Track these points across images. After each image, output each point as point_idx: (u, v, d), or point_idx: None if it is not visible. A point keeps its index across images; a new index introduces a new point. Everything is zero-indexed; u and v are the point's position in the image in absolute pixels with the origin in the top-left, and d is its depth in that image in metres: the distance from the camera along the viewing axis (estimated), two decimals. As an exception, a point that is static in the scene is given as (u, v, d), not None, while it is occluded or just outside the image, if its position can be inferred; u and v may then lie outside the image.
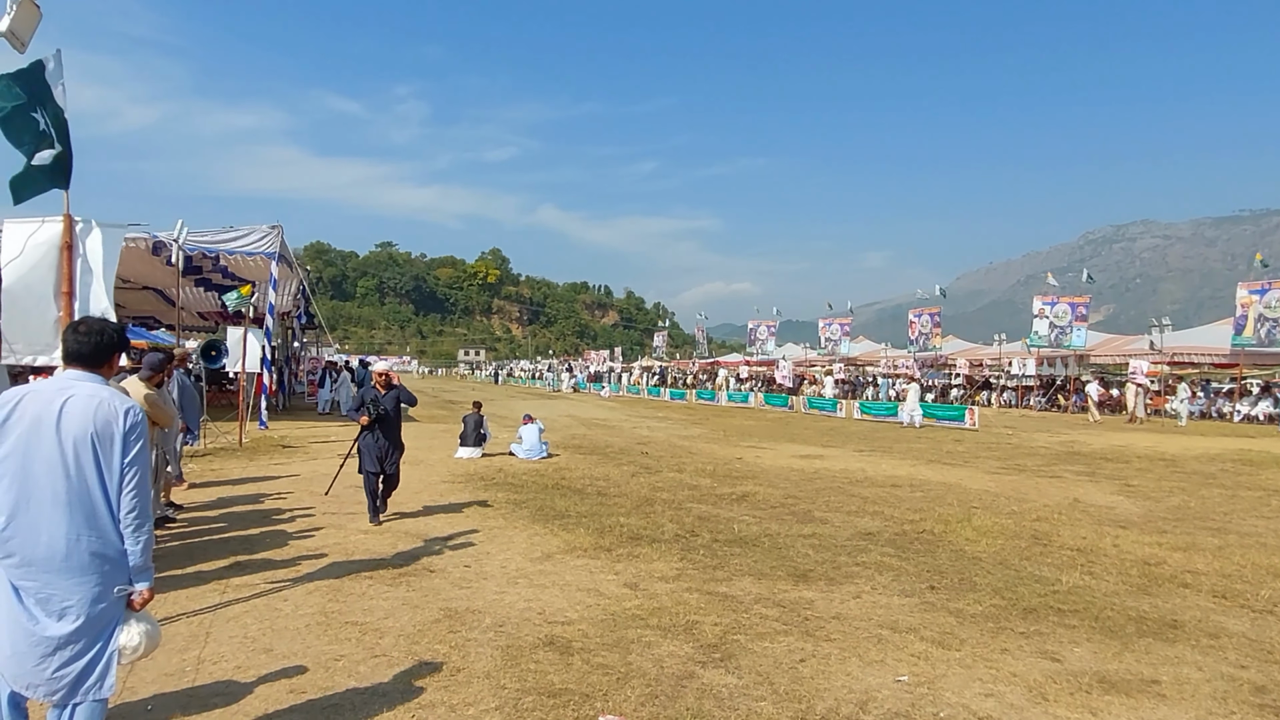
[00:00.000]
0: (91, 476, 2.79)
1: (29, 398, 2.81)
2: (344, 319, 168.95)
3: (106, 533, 2.81)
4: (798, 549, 7.41)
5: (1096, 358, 38.71)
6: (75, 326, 2.99)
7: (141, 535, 2.85)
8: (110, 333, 3.01)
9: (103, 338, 2.98)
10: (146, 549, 2.87)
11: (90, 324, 3.01)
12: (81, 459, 2.78)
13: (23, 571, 2.73)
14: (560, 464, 13.50)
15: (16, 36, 4.74)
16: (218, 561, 6.56)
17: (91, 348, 2.95)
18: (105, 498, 2.81)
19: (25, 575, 2.73)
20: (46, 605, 2.73)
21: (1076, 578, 6.51)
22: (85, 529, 2.77)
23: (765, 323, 56.75)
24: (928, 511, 9.47)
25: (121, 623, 2.86)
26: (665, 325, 79.67)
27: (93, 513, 2.79)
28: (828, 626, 5.19)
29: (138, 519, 2.83)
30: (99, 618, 2.79)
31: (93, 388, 2.89)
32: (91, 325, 3.00)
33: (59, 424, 2.78)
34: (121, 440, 2.82)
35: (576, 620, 5.24)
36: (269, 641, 4.76)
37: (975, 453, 17.35)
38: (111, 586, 2.82)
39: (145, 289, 22.82)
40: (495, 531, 7.97)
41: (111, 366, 3.06)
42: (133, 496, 2.83)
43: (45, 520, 2.74)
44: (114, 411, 2.84)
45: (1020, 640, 5.01)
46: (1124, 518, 9.53)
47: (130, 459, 2.83)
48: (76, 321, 3.02)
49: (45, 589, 2.73)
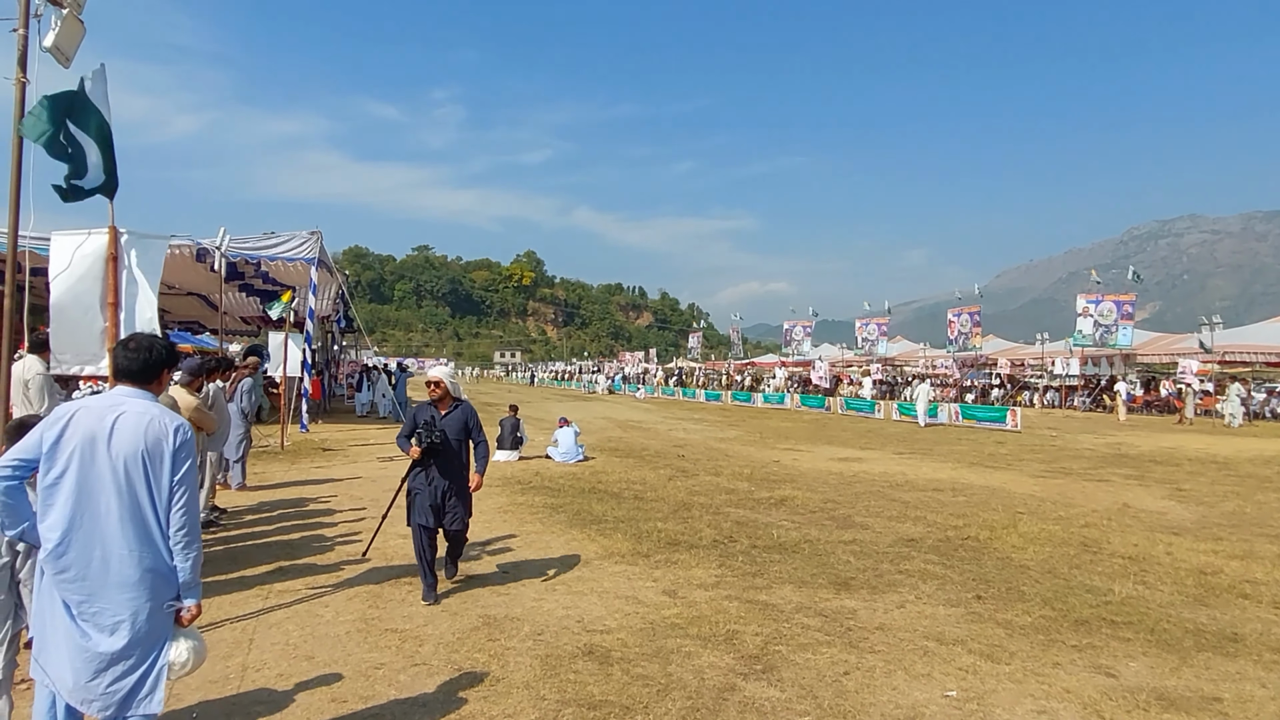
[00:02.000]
0: (142, 493, 2.81)
1: (81, 414, 2.83)
2: (382, 322, 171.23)
3: (157, 549, 2.83)
4: (839, 556, 7.30)
5: (1143, 357, 37.80)
6: (125, 343, 3.02)
7: (191, 552, 2.86)
8: (159, 349, 3.03)
9: (151, 354, 2.99)
10: (195, 565, 2.89)
11: (139, 340, 3.03)
12: (132, 476, 2.79)
13: (76, 587, 2.75)
14: (596, 467, 13.49)
15: (61, 52, 4.82)
16: (262, 566, 6.63)
17: (141, 364, 2.97)
18: (155, 514, 2.83)
19: (78, 591, 2.75)
20: (98, 621, 2.75)
21: (1129, 588, 6.32)
22: (138, 545, 2.79)
23: (801, 323, 56.33)
24: (971, 517, 9.28)
25: (170, 639, 2.88)
26: (700, 326, 79.42)
27: (144, 529, 2.81)
28: (871, 637, 5.09)
29: (187, 535, 2.85)
30: (149, 633, 2.81)
31: (143, 405, 2.90)
32: (140, 342, 3.02)
33: (110, 441, 2.80)
34: (171, 458, 2.84)
35: (615, 629, 5.20)
36: (310, 649, 4.79)
37: (1018, 455, 17.02)
38: (161, 602, 2.84)
39: (189, 294, 23.27)
40: (532, 536, 7.96)
41: (161, 383, 3.08)
42: (182, 514, 2.84)
43: (99, 536, 2.76)
44: (164, 429, 2.85)
45: (1073, 654, 4.86)
46: (1176, 524, 9.26)
47: (180, 477, 2.85)
48: (126, 338, 3.04)
49: (97, 604, 2.75)
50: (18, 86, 4.40)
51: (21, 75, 4.40)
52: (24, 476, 2.81)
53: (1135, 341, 36.41)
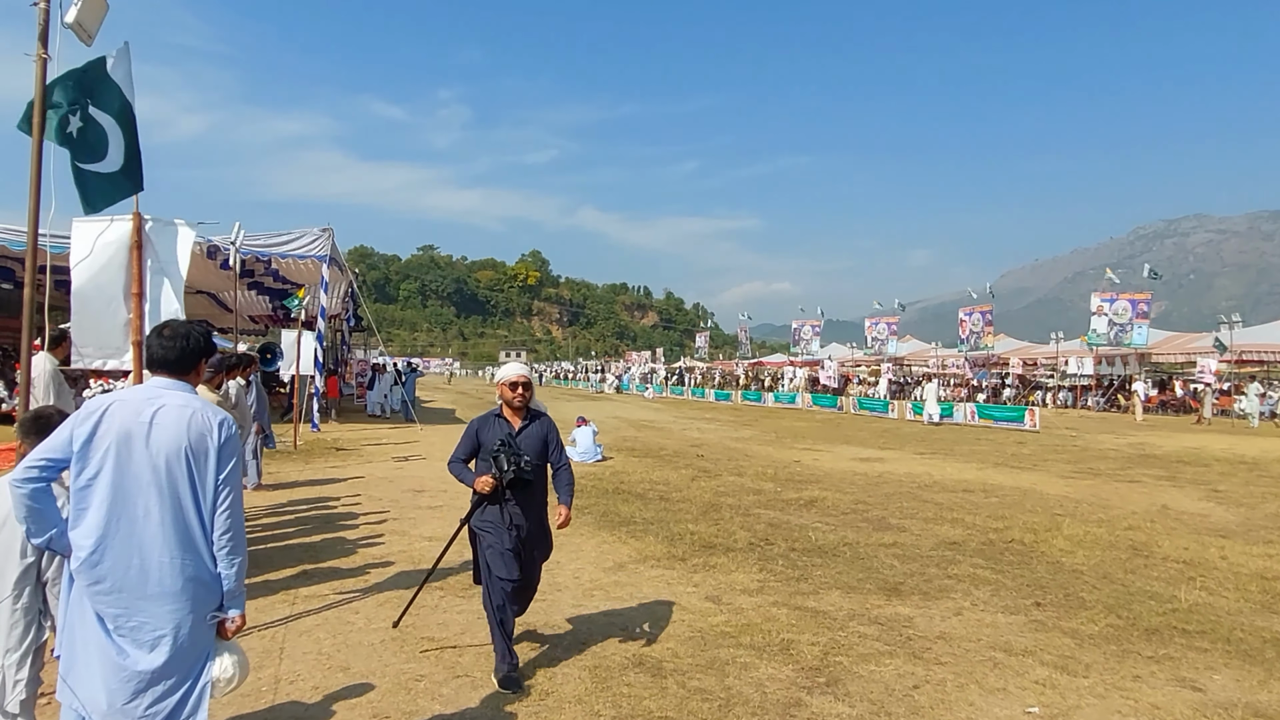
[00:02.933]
0: (185, 494, 2.55)
1: (115, 408, 2.57)
2: (387, 322, 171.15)
3: (200, 555, 2.57)
4: (881, 559, 7.03)
5: (1159, 356, 37.44)
6: (159, 330, 2.76)
7: (236, 557, 2.61)
8: (196, 336, 2.77)
9: (189, 342, 2.73)
10: (241, 572, 2.64)
11: (175, 328, 2.76)
12: (174, 474, 2.54)
13: (112, 599, 2.49)
14: (616, 467, 13.23)
15: (84, 29, 4.58)
16: (285, 570, 6.38)
17: (178, 353, 2.71)
18: (199, 517, 2.57)
19: (114, 603, 2.49)
20: (137, 635, 2.49)
21: (1194, 594, 6.04)
22: (179, 551, 2.53)
23: (810, 322, 55.90)
24: (1011, 519, 9.00)
25: (214, 653, 2.63)
26: (707, 326, 79.11)
27: (187, 533, 2.55)
28: (934, 648, 4.82)
29: (232, 540, 2.60)
30: (192, 648, 2.56)
31: (184, 397, 2.65)
32: (176, 329, 2.76)
33: (149, 437, 2.54)
34: (216, 455, 2.59)
35: (663, 637, 4.94)
36: (344, 658, 4.53)
37: (1041, 455, 16.73)
38: (204, 613, 2.58)
39: (199, 293, 23.09)
40: (562, 539, 7.64)
41: (199, 373, 2.82)
42: (227, 516, 2.59)
43: (137, 542, 2.50)
44: (208, 424, 2.60)
45: (1150, 665, 4.59)
46: (1221, 526, 8.97)
47: (225, 476, 2.60)
48: (160, 325, 2.78)
49: (135, 617, 2.49)
50: (39, 63, 4.16)
51: (43, 51, 4.16)
52: (52, 478, 2.54)
53: (1150, 341, 36.03)
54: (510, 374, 4.46)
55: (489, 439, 4.35)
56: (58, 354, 6.52)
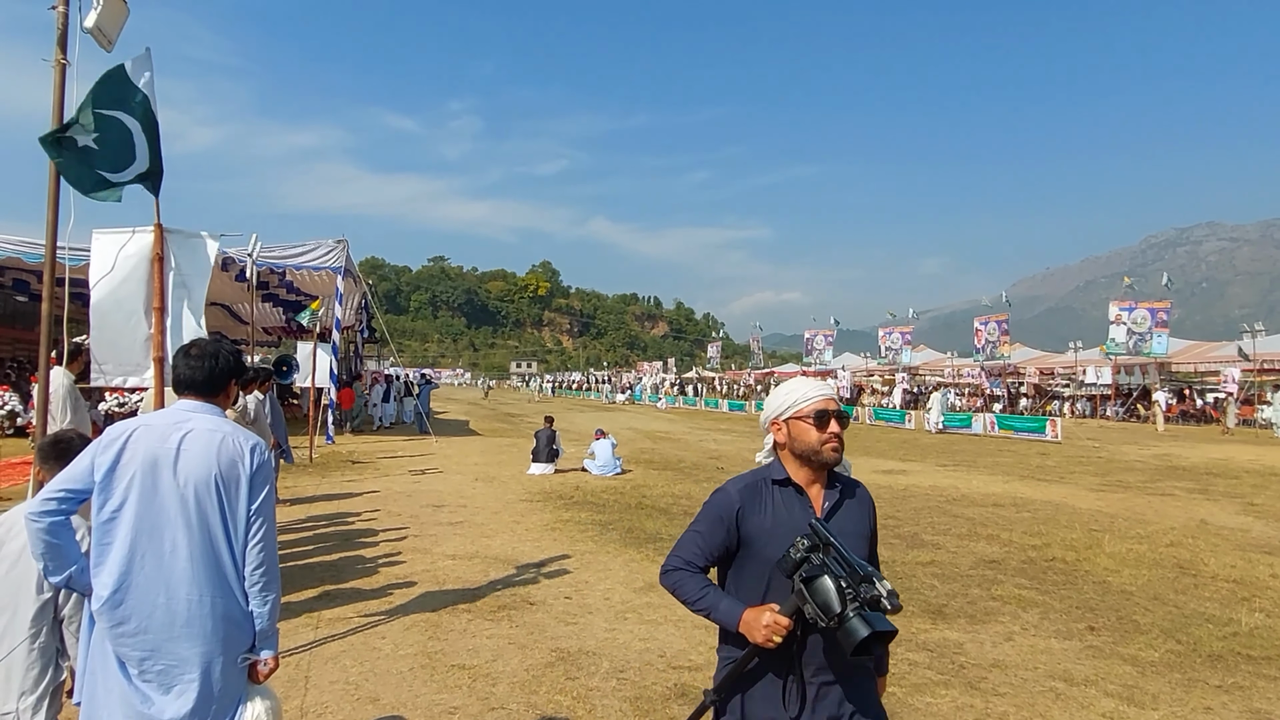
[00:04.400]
0: (216, 525, 2.37)
1: (140, 433, 2.39)
2: (398, 333, 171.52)
3: (232, 592, 2.38)
4: (920, 579, 6.80)
5: (1178, 365, 36.99)
6: (186, 350, 2.58)
7: (270, 594, 2.42)
8: (226, 356, 2.59)
9: (217, 362, 2.56)
10: (274, 611, 2.45)
11: (203, 347, 2.59)
12: (204, 505, 2.35)
13: (136, 641, 2.29)
14: (636, 480, 13.01)
15: (104, 34, 4.44)
16: (306, 591, 6.19)
17: (206, 374, 2.53)
18: (230, 550, 2.38)
19: (139, 645, 2.29)
20: (163, 680, 2.29)
21: (1253, 617, 5.78)
22: (209, 587, 2.34)
23: (822, 332, 55.59)
24: (1048, 535, 8.74)
25: (245, 698, 2.43)
26: (719, 336, 78.92)
27: (217, 569, 2.36)
28: (990, 677, 4.59)
29: (265, 575, 2.41)
30: (223, 693, 2.36)
31: (213, 421, 2.47)
32: (205, 348, 2.58)
33: (176, 464, 2.36)
34: (248, 483, 2.41)
35: (704, 665, 4.72)
36: (373, 688, 4.33)
37: (1067, 467, 16.42)
38: (235, 655, 2.39)
39: (212, 304, 23.06)
40: (588, 557, 7.50)
41: (228, 395, 2.65)
42: (260, 550, 2.40)
43: (164, 579, 2.31)
44: (239, 450, 2.42)
45: (1220, 696, 4.34)
46: (1265, 542, 8.69)
47: (258, 505, 2.41)
48: (188, 344, 2.60)
49: (161, 660, 2.30)
50: (57, 69, 4.01)
51: (61, 56, 4.01)
52: (71, 511, 2.34)
53: (1170, 350, 35.59)
54: (816, 396, 2.21)
55: (768, 530, 2.13)
56: (73, 368, 6.37)
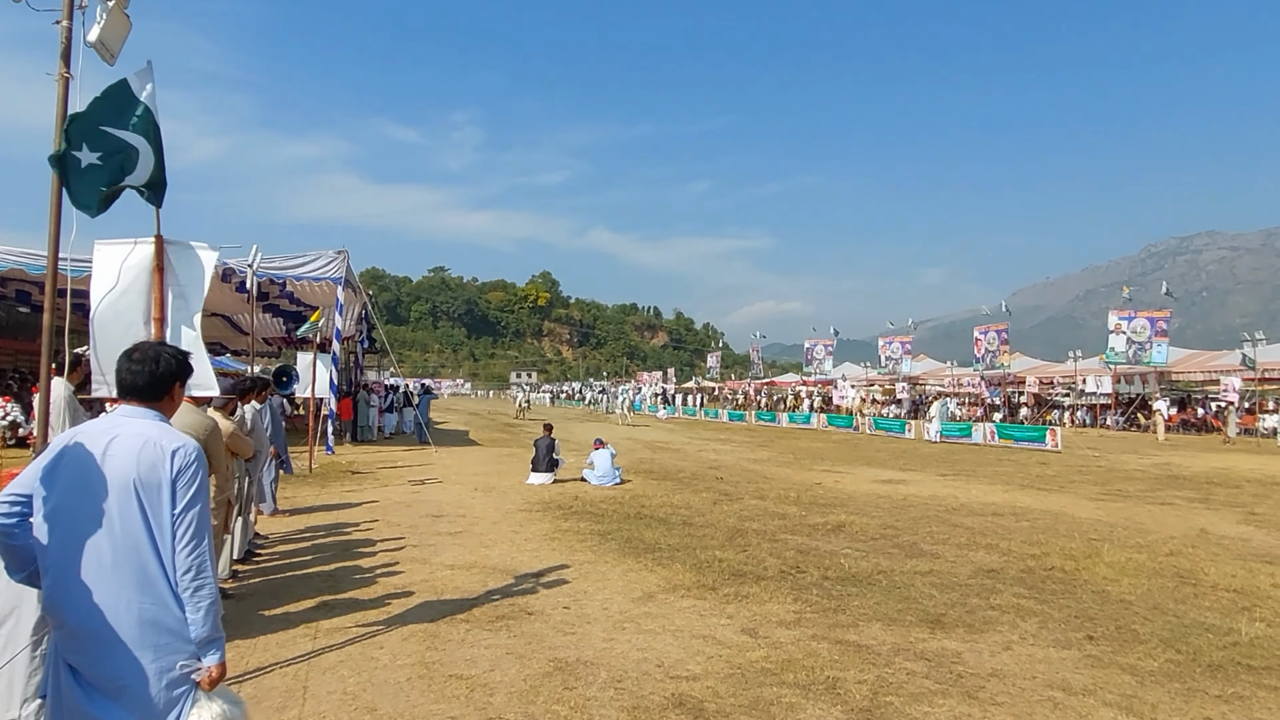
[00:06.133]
0: (139, 531, 2.36)
1: (78, 439, 2.43)
2: (398, 343, 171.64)
3: (162, 597, 2.37)
4: (919, 588, 6.79)
5: (1178, 374, 36.98)
6: (129, 354, 2.59)
7: (202, 599, 2.39)
8: (167, 359, 2.60)
9: (158, 365, 2.56)
10: (210, 615, 2.41)
11: (145, 350, 2.60)
12: (125, 510, 2.36)
13: (72, 644, 2.32)
14: (635, 490, 13.00)
15: (106, 48, 4.47)
16: (304, 602, 6.19)
17: (146, 378, 2.54)
18: (158, 556, 2.37)
19: (76, 649, 2.32)
20: (103, 685, 2.31)
21: (1254, 626, 5.77)
22: (136, 593, 2.33)
23: (822, 341, 55.66)
24: (1047, 545, 8.73)
25: (191, 705, 2.39)
26: (719, 346, 78.96)
27: (143, 574, 2.35)
28: (988, 686, 4.58)
29: (195, 579, 2.38)
30: (160, 700, 2.34)
31: (141, 425, 2.48)
32: (146, 352, 2.59)
33: (102, 469, 2.38)
34: (169, 487, 2.40)
35: (701, 675, 4.72)
36: (371, 699, 4.33)
37: (1067, 477, 16.42)
38: (172, 662, 2.36)
39: (212, 315, 23.11)
40: (587, 567, 7.49)
41: (173, 398, 2.66)
42: (188, 554, 2.38)
43: (91, 584, 2.32)
44: (160, 453, 2.41)
45: (1221, 707, 4.34)
46: (1265, 552, 8.68)
47: (182, 509, 2.40)
48: (130, 349, 2.61)
49: (97, 665, 2.31)
50: (61, 83, 4.04)
51: (65, 70, 4.05)
52: (26, 514, 2.38)
53: (1170, 359, 35.60)
54: None
55: None
56: (73, 379, 6.38)
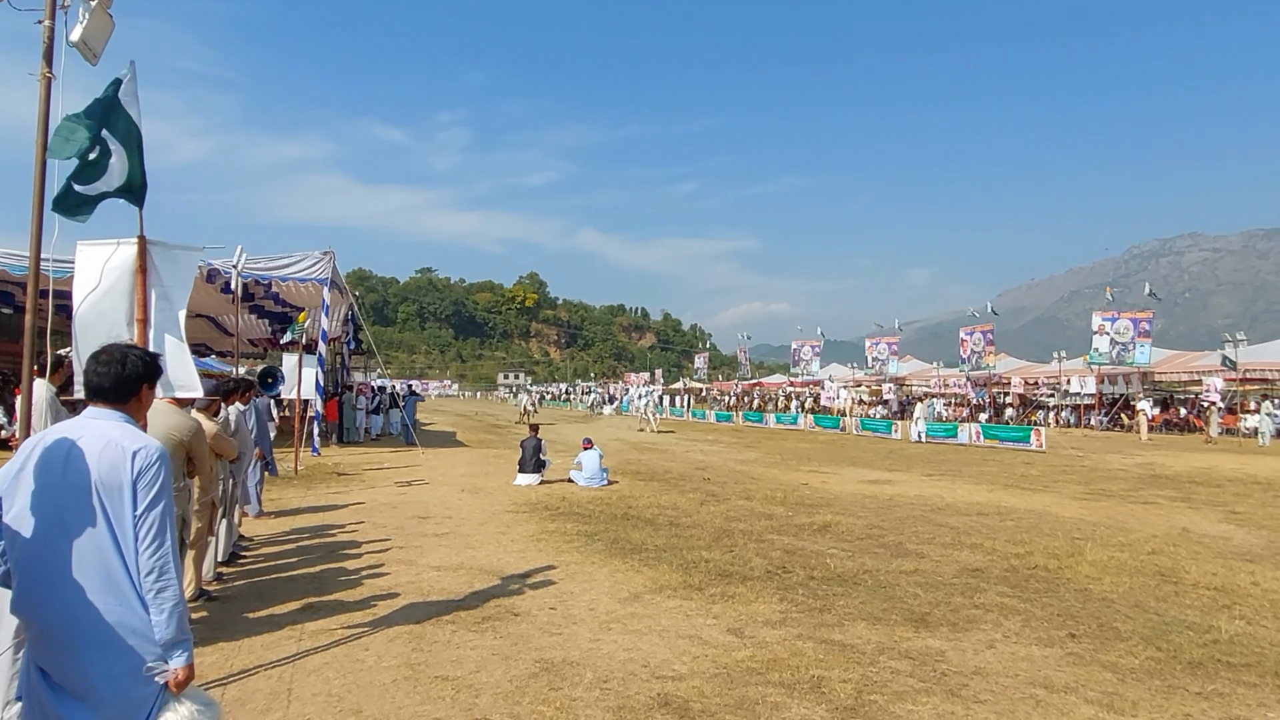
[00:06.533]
0: (101, 533, 2.36)
1: (46, 440, 2.43)
2: (385, 344, 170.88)
3: (127, 599, 2.36)
4: (904, 588, 6.83)
5: (1161, 375, 37.32)
6: (96, 356, 2.59)
7: (165, 601, 2.38)
8: (134, 360, 2.60)
9: (125, 367, 2.56)
10: (174, 617, 2.39)
11: (111, 351, 2.60)
12: (87, 512, 2.36)
13: (41, 646, 2.34)
14: (623, 491, 13.01)
15: (89, 47, 4.45)
16: (289, 604, 6.17)
17: (113, 380, 2.54)
18: (121, 557, 2.37)
19: (43, 650, 2.34)
20: (70, 685, 2.32)
21: (1234, 624, 5.83)
22: (101, 595, 2.34)
23: (809, 343, 55.82)
24: (1031, 544, 8.80)
25: (161, 708, 2.38)
26: (706, 347, 79.10)
27: (107, 576, 2.35)
28: (971, 684, 4.62)
29: (157, 581, 2.37)
30: (127, 703, 2.34)
31: (105, 427, 2.48)
32: (112, 354, 2.59)
33: (65, 472, 2.38)
34: (130, 488, 2.39)
35: (687, 675, 4.73)
36: (356, 700, 4.32)
37: (1051, 476, 16.54)
38: (137, 664, 2.35)
39: (198, 316, 22.96)
40: (573, 567, 7.49)
41: (141, 400, 2.65)
42: (150, 556, 2.37)
43: (55, 586, 2.33)
44: (121, 454, 2.41)
45: (1200, 703, 4.39)
46: (1246, 550, 8.78)
47: (143, 510, 2.39)
48: (98, 350, 2.61)
49: (63, 666, 2.32)
50: (43, 82, 4.02)
51: (47, 70, 4.02)
52: None
53: (1153, 360, 35.92)
54: None
55: None
56: (55, 380, 6.34)
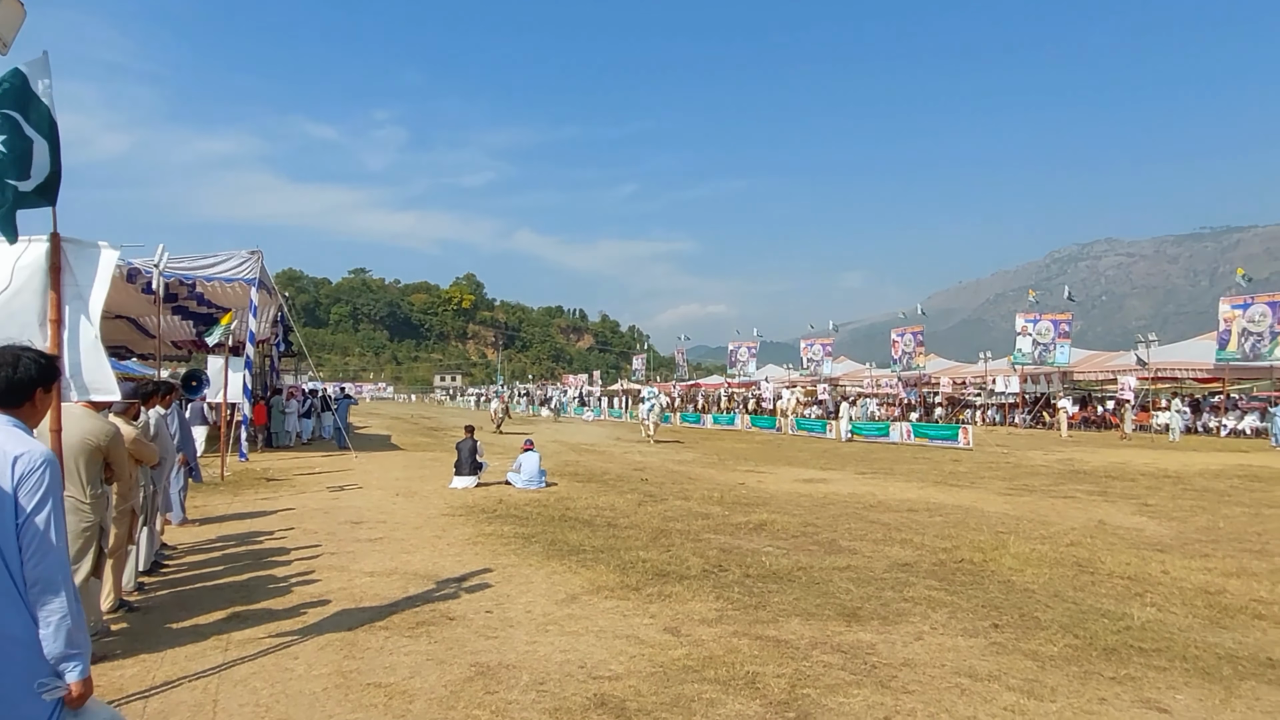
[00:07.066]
0: None
1: None
2: (317, 346, 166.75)
3: (19, 610, 2.26)
4: (836, 583, 6.96)
5: (1080, 374, 38.84)
6: None
7: (51, 614, 2.28)
8: (27, 363, 2.49)
9: (16, 370, 2.46)
10: (62, 630, 2.29)
11: (3, 355, 2.49)
12: None
13: None
14: (561, 493, 12.96)
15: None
16: (215, 613, 5.97)
17: (3, 384, 2.44)
18: (6, 568, 2.26)
19: None
20: None
21: (1145, 611, 6.11)
22: None
23: (746, 344, 56.50)
24: (957, 538, 9.07)
25: None
26: (644, 349, 79.29)
27: None
28: (900, 675, 4.73)
29: (42, 593, 2.27)
30: None
31: None
32: (4, 356, 2.48)
33: None
34: (12, 496, 2.29)
35: (623, 674, 4.74)
36: (285, 710, 4.21)
37: (978, 473, 17.07)
38: (29, 680, 2.24)
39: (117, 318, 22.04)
40: (510, 570, 7.44)
41: (35, 405, 2.54)
42: (34, 565, 2.27)
43: None
44: (2, 460, 2.30)
45: (1113, 687, 4.58)
46: (1157, 540, 9.20)
47: (26, 519, 2.29)
48: None
49: None
50: (-54, 71, 3.81)
51: (-51, 58, 3.82)
52: None
53: (1072, 359, 37.39)
54: None
55: None
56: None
